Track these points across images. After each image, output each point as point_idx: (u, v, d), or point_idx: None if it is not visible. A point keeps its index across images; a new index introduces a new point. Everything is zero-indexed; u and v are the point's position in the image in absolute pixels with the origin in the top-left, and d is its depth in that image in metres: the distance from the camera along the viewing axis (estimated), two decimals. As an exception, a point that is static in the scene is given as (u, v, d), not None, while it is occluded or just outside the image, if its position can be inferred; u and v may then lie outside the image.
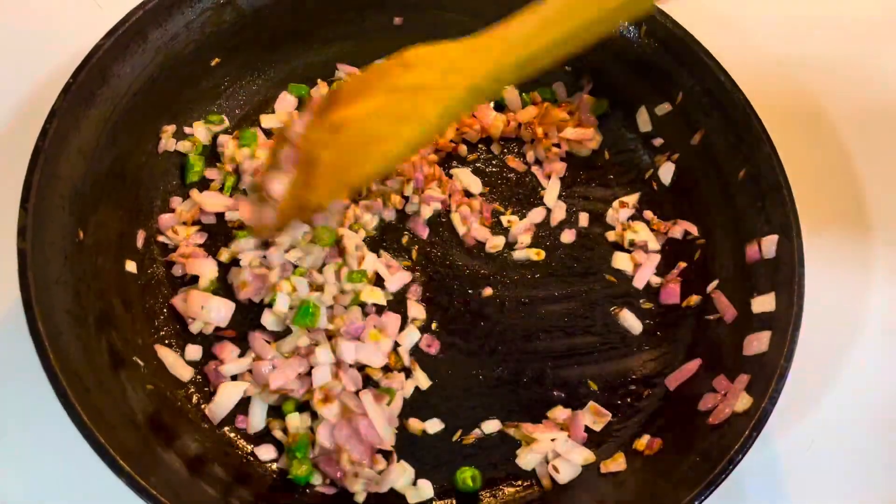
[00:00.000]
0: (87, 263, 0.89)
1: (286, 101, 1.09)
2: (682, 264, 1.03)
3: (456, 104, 0.83)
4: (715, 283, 0.99)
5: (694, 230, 1.05)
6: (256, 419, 0.91)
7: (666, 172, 1.08)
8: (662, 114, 1.09)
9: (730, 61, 1.02)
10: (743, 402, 0.87)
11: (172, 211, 1.00)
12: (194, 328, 0.94)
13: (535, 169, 1.10)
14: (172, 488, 0.78)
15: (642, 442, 0.93)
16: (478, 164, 1.10)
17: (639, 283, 1.03)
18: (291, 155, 0.87)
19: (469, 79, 0.82)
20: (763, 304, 0.93)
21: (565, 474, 0.91)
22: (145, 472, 0.76)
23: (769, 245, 0.95)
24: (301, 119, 0.88)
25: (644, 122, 1.10)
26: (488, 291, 1.01)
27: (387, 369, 0.94)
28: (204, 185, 1.03)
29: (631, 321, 1.00)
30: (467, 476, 0.91)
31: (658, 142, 1.10)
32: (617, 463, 0.92)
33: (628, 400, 0.98)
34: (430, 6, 1.11)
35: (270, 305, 0.94)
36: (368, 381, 0.94)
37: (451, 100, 0.82)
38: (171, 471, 0.82)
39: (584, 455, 0.92)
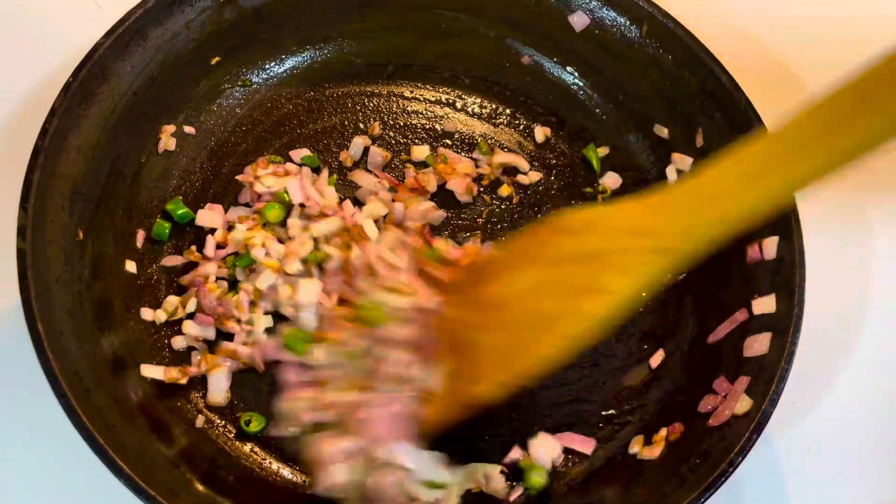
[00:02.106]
0: (86, 263, 0.89)
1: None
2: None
3: (648, 269, 0.69)
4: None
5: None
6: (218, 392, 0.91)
7: (671, 172, 1.08)
8: (664, 115, 1.08)
9: (731, 61, 1.02)
10: (743, 403, 0.87)
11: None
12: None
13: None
14: (172, 489, 0.78)
15: (640, 443, 0.93)
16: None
17: None
18: (432, 340, 0.75)
19: (659, 240, 0.69)
20: (763, 305, 0.93)
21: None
22: (145, 473, 0.76)
23: (770, 246, 0.95)
24: (430, 295, 0.76)
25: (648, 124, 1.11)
26: None
27: None
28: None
29: None
30: None
31: (660, 141, 1.10)
32: (618, 465, 0.92)
33: (627, 402, 0.98)
34: (430, 5, 1.11)
35: None
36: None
37: (643, 265, 0.69)
38: (171, 471, 0.82)
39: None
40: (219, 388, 0.91)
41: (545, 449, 0.92)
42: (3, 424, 0.91)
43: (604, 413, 0.97)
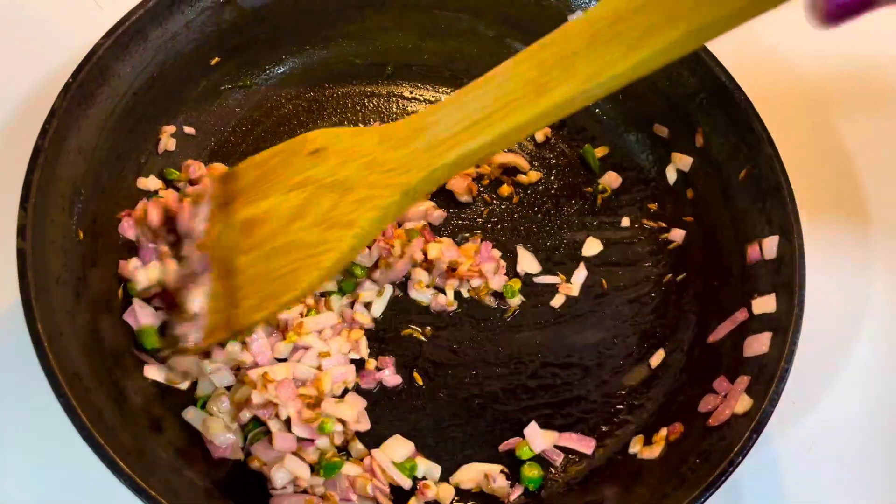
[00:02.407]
0: (86, 263, 0.89)
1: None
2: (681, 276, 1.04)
3: (392, 209, 0.74)
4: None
5: (679, 238, 1.05)
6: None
7: (671, 172, 1.08)
8: (664, 115, 1.08)
9: (731, 61, 1.02)
10: (743, 403, 0.87)
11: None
12: None
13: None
14: (172, 489, 0.78)
15: (640, 443, 0.93)
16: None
17: None
18: (198, 257, 0.79)
19: (399, 178, 0.73)
20: (763, 305, 0.92)
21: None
22: (145, 473, 0.76)
23: (770, 246, 0.94)
24: (199, 209, 0.80)
25: (648, 123, 1.10)
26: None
27: None
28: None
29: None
30: None
31: (660, 141, 1.10)
32: (618, 465, 0.92)
33: (627, 402, 0.98)
34: (431, 6, 1.11)
35: None
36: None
37: (386, 205, 0.73)
38: (171, 472, 0.82)
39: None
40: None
41: (540, 435, 0.93)
42: (3, 424, 0.91)
43: (604, 413, 0.97)
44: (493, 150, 0.73)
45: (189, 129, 1.04)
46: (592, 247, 1.05)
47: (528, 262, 1.04)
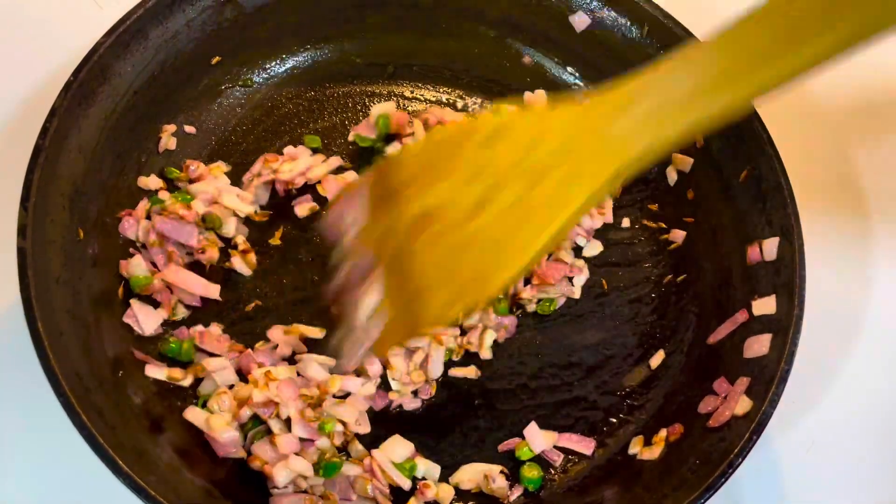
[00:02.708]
0: (87, 262, 0.89)
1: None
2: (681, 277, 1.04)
3: (607, 187, 0.67)
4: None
5: (679, 238, 1.05)
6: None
7: (672, 172, 1.08)
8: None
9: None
10: (743, 404, 0.87)
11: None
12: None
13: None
14: (172, 489, 0.78)
15: (640, 443, 0.93)
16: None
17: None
18: (361, 263, 0.73)
19: (614, 154, 0.65)
20: (764, 306, 0.92)
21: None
22: (145, 473, 0.76)
23: (770, 247, 0.94)
24: (344, 213, 0.74)
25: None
26: None
27: None
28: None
29: None
30: None
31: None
32: (618, 465, 0.92)
33: (627, 402, 0.98)
34: (430, 6, 1.11)
35: None
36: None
37: (602, 183, 0.66)
38: (171, 471, 0.82)
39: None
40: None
41: (540, 436, 0.93)
42: (3, 424, 0.91)
43: (604, 413, 0.97)
44: (728, 116, 0.64)
45: (190, 128, 1.04)
46: (593, 247, 1.05)
47: None
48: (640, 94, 0.66)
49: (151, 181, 0.99)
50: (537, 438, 0.93)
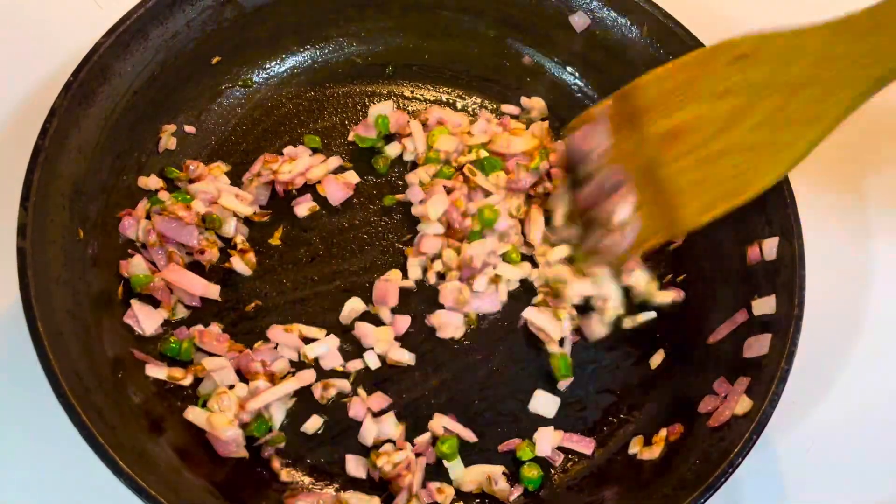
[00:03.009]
0: (87, 262, 0.89)
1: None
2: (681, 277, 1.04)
3: (860, 101, 0.73)
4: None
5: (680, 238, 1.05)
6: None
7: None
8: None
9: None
10: (743, 404, 0.87)
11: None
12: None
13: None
14: (172, 489, 0.78)
15: (640, 443, 0.94)
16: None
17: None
18: (613, 173, 0.81)
19: (870, 67, 0.71)
20: (763, 306, 0.92)
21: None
22: (145, 473, 0.76)
23: (770, 247, 0.94)
24: (594, 129, 0.82)
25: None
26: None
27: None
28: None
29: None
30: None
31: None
32: (618, 465, 0.92)
33: (627, 402, 0.98)
34: (432, 5, 1.11)
35: None
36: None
37: (857, 95, 0.72)
38: (171, 471, 0.82)
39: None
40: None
41: (548, 437, 0.93)
42: (3, 424, 0.91)
43: (603, 413, 0.97)
44: None
45: (190, 128, 1.04)
46: None
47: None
48: (885, 20, 0.71)
49: (151, 181, 0.99)
50: (545, 439, 0.93)
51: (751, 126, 0.76)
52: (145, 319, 0.91)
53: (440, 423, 0.93)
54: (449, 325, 0.98)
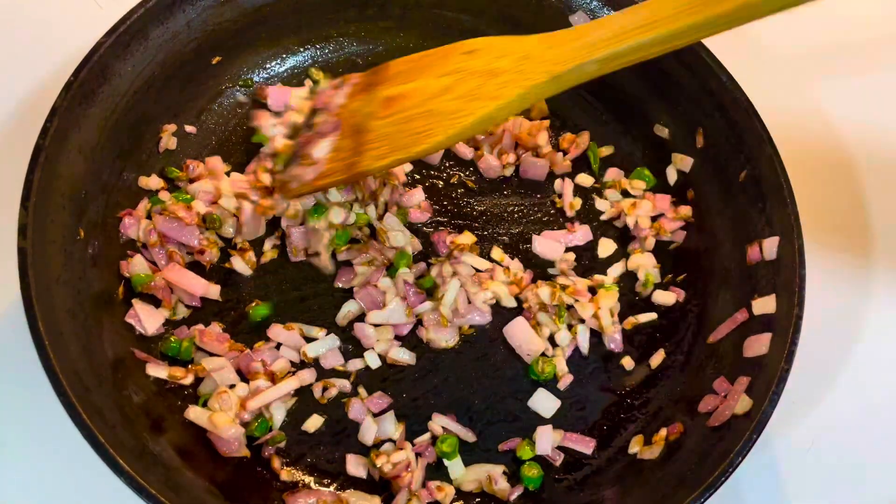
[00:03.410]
0: (87, 262, 0.89)
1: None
2: (681, 277, 1.04)
3: (538, 89, 0.84)
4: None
5: (680, 238, 1.06)
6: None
7: (672, 172, 1.08)
8: (664, 115, 1.09)
9: (731, 61, 1.02)
10: (743, 404, 0.87)
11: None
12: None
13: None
14: (172, 488, 0.78)
15: (640, 443, 0.94)
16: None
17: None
18: (331, 122, 0.92)
19: (551, 67, 0.83)
20: (764, 306, 0.92)
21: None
22: (145, 472, 0.76)
23: (770, 247, 0.95)
24: (339, 90, 0.93)
25: (648, 124, 1.11)
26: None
27: None
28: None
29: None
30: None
31: (660, 141, 1.10)
32: (618, 465, 0.92)
33: (627, 402, 0.98)
34: (430, 5, 1.11)
35: None
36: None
37: (533, 85, 0.83)
38: (171, 470, 0.82)
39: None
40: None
41: (548, 436, 0.93)
42: (3, 423, 0.91)
43: (604, 413, 0.97)
44: (643, 55, 0.81)
45: (190, 128, 1.04)
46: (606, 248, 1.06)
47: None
48: (579, 34, 0.85)
49: (152, 181, 0.99)
50: (545, 438, 0.93)
51: (450, 98, 0.87)
52: (147, 319, 0.91)
53: (440, 422, 0.93)
54: (440, 339, 0.98)
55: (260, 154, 1.02)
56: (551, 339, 0.99)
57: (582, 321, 0.99)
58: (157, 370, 0.89)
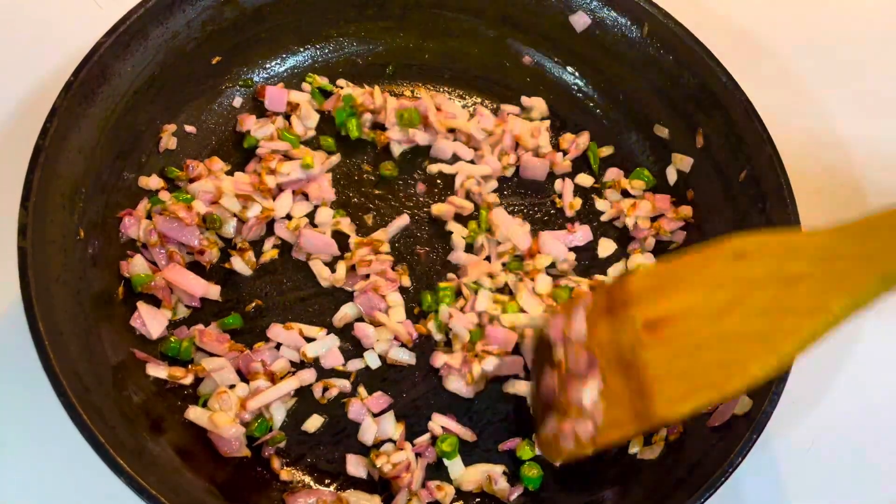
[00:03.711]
0: (87, 262, 0.89)
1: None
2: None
3: (867, 297, 0.69)
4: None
5: (680, 238, 1.06)
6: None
7: (672, 172, 1.08)
8: (664, 115, 1.09)
9: (731, 61, 1.02)
10: (743, 404, 0.87)
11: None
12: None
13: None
14: (172, 488, 0.78)
15: (640, 443, 0.94)
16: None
17: None
18: (583, 358, 0.79)
19: (870, 267, 0.68)
20: (764, 306, 0.92)
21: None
22: (145, 472, 0.76)
23: (770, 247, 0.94)
24: (572, 316, 0.81)
25: (648, 124, 1.11)
26: None
27: None
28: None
29: None
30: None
31: (660, 141, 1.10)
32: (618, 465, 0.92)
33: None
34: (430, 5, 1.11)
35: None
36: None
37: (864, 291, 0.69)
38: (171, 471, 0.82)
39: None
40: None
41: None
42: (3, 424, 0.91)
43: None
44: None
45: (190, 128, 1.04)
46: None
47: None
48: (882, 226, 0.70)
49: (152, 181, 0.99)
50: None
51: (744, 315, 0.72)
52: (151, 322, 0.91)
53: (440, 422, 0.93)
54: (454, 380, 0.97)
55: (257, 154, 1.03)
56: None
57: None
58: (157, 370, 0.89)
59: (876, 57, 1.26)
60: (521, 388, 0.95)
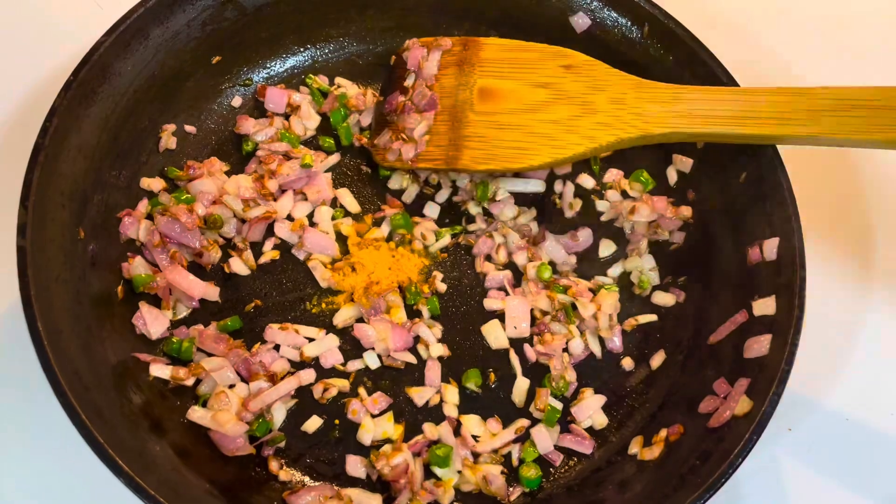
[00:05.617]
0: (87, 262, 0.89)
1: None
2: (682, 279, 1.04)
3: (628, 142, 0.92)
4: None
5: (680, 238, 1.06)
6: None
7: (672, 173, 1.08)
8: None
9: (731, 61, 1.02)
10: (743, 405, 0.87)
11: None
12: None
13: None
14: (172, 488, 0.78)
15: (640, 443, 0.94)
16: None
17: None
18: (427, 97, 0.97)
19: (644, 125, 0.91)
20: (764, 307, 0.92)
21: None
22: (144, 472, 0.76)
23: (770, 248, 0.94)
24: (432, 55, 1.00)
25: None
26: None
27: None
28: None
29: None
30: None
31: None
32: (618, 465, 0.92)
33: (627, 402, 0.98)
34: (430, 5, 1.11)
35: None
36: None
37: (626, 137, 0.91)
38: (171, 471, 0.82)
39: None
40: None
41: (546, 436, 0.93)
42: (2, 422, 0.91)
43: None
44: (726, 140, 0.93)
45: (190, 128, 1.04)
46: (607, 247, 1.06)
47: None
48: (685, 97, 0.93)
49: (154, 182, 0.99)
50: (543, 438, 0.93)
51: (547, 119, 0.95)
52: (152, 323, 0.91)
53: (435, 431, 0.93)
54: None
55: (256, 156, 1.03)
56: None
57: (583, 323, 0.99)
58: (160, 370, 0.89)
59: (876, 58, 1.26)
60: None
